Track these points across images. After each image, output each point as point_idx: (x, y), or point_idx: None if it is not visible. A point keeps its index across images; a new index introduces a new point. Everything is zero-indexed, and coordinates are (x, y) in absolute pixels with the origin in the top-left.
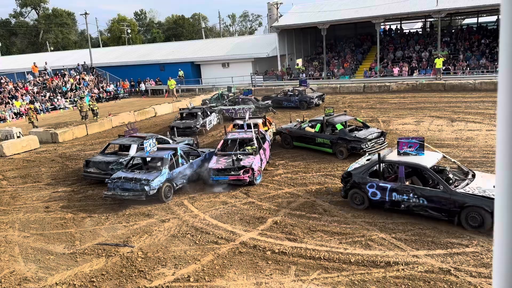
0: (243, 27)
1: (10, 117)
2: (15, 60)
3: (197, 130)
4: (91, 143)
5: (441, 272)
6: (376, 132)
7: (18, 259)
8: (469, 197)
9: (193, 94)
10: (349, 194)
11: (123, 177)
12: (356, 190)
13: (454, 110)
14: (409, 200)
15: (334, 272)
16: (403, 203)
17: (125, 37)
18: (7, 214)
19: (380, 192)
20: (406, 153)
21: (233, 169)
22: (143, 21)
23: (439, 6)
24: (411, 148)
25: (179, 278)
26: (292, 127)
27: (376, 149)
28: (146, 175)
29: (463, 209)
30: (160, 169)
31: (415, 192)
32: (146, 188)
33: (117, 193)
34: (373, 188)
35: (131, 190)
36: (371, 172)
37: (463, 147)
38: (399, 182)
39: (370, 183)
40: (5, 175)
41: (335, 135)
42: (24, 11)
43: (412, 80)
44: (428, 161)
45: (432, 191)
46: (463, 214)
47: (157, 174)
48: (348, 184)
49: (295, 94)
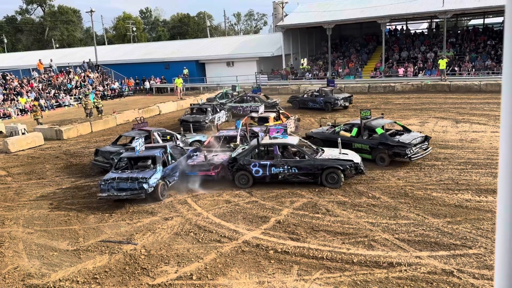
0: (248, 26)
1: (15, 114)
2: (20, 57)
3: (205, 125)
4: (95, 140)
5: (444, 273)
6: (419, 137)
7: (22, 255)
8: (326, 161)
9: (198, 93)
10: (236, 176)
11: (117, 178)
12: (242, 172)
13: (459, 111)
14: (284, 172)
15: (337, 272)
16: (280, 174)
17: (130, 35)
18: (12, 210)
19: (261, 169)
20: (275, 137)
21: (205, 165)
22: (148, 19)
23: (445, 6)
24: (278, 133)
25: (182, 276)
26: (324, 131)
27: (421, 155)
28: (142, 173)
29: (323, 171)
30: (154, 167)
31: (288, 164)
32: (145, 186)
33: (113, 194)
34: (256, 167)
35: (129, 190)
36: (251, 156)
37: (467, 148)
38: (275, 158)
39: (253, 163)
40: (10, 171)
41: (375, 140)
42: (30, 8)
43: (417, 81)
44: (293, 140)
45: (300, 161)
46: (324, 175)
47: (152, 172)
48: (234, 168)
49: (321, 95)
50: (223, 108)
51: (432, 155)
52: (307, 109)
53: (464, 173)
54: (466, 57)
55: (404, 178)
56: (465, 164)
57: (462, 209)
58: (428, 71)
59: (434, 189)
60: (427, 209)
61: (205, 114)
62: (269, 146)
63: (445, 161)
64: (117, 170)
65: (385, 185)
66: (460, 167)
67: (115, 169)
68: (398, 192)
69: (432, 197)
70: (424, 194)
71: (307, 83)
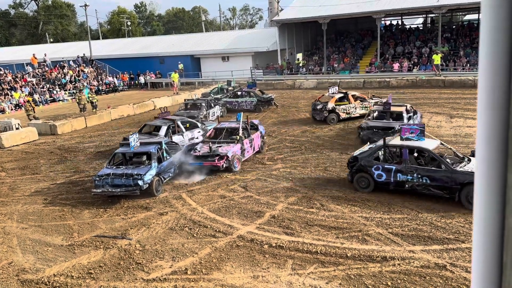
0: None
1: (9, 109)
2: (14, 51)
3: (200, 120)
4: (90, 135)
5: (437, 267)
6: None
7: (16, 250)
8: (469, 175)
9: (193, 88)
10: (355, 178)
11: (112, 174)
12: (362, 174)
13: (453, 106)
14: (413, 180)
15: (331, 266)
16: (407, 183)
17: (125, 30)
18: (6, 205)
19: (385, 173)
20: (408, 139)
21: (210, 155)
22: (143, 14)
23: (440, 1)
24: (413, 134)
25: (177, 271)
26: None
27: None
28: (137, 170)
29: (463, 186)
30: (149, 163)
31: (418, 172)
32: (140, 183)
33: (107, 190)
34: (378, 170)
35: (123, 186)
36: (375, 157)
37: (461, 143)
38: (403, 164)
39: (376, 165)
40: (4, 166)
41: None
42: (24, 2)
43: (412, 76)
44: (430, 144)
45: (435, 171)
46: (464, 192)
47: (147, 169)
48: (354, 168)
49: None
50: (217, 103)
51: None
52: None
53: None
54: (461, 52)
55: None
56: None
57: (456, 203)
58: (423, 66)
59: None
60: (420, 203)
61: (199, 109)
62: (399, 147)
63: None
64: (112, 166)
65: None
66: None
67: (109, 165)
68: None
69: None
70: None
71: (302, 78)
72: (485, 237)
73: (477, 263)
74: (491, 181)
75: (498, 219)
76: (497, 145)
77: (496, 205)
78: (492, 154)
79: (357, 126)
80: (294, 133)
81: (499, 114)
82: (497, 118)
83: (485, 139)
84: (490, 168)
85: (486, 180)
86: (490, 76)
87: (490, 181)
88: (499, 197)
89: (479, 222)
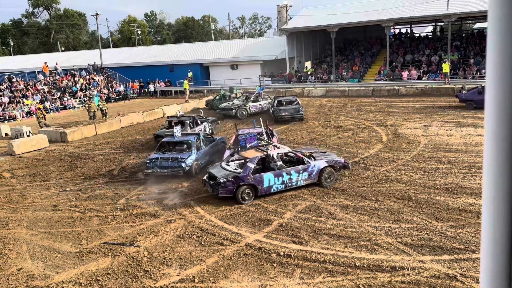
0: (253, 30)
1: (20, 116)
2: (26, 59)
3: None
4: (99, 143)
5: (447, 278)
6: None
7: (26, 257)
8: None
9: (202, 96)
10: None
11: (160, 157)
12: None
13: (463, 114)
14: None
15: (339, 276)
16: None
17: (135, 38)
18: (16, 212)
19: None
20: None
21: None
22: (153, 23)
23: (450, 10)
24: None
25: (184, 279)
26: None
27: None
28: (180, 154)
29: None
30: (189, 151)
31: None
32: (183, 165)
33: (157, 171)
34: None
35: (169, 167)
36: None
37: (472, 152)
38: None
39: None
40: (15, 173)
41: None
42: (36, 12)
43: (421, 84)
44: None
45: None
46: None
47: (188, 154)
48: None
49: None
50: (206, 120)
51: (436, 158)
52: None
53: (468, 177)
54: (471, 60)
55: (408, 182)
56: (469, 168)
57: (466, 213)
58: (433, 75)
59: (438, 193)
60: (430, 213)
61: (183, 127)
62: None
63: (449, 165)
64: (159, 152)
65: (389, 188)
66: (464, 171)
67: (157, 151)
68: (402, 196)
69: (435, 201)
70: (428, 198)
71: (311, 86)
72: (494, 246)
73: (486, 274)
74: (499, 191)
75: (507, 230)
76: (506, 150)
77: (506, 216)
78: (501, 161)
79: None
80: (302, 141)
81: (506, 119)
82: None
83: (493, 144)
84: (499, 176)
85: (494, 191)
86: (497, 82)
87: (498, 191)
88: (508, 208)
89: (487, 232)
